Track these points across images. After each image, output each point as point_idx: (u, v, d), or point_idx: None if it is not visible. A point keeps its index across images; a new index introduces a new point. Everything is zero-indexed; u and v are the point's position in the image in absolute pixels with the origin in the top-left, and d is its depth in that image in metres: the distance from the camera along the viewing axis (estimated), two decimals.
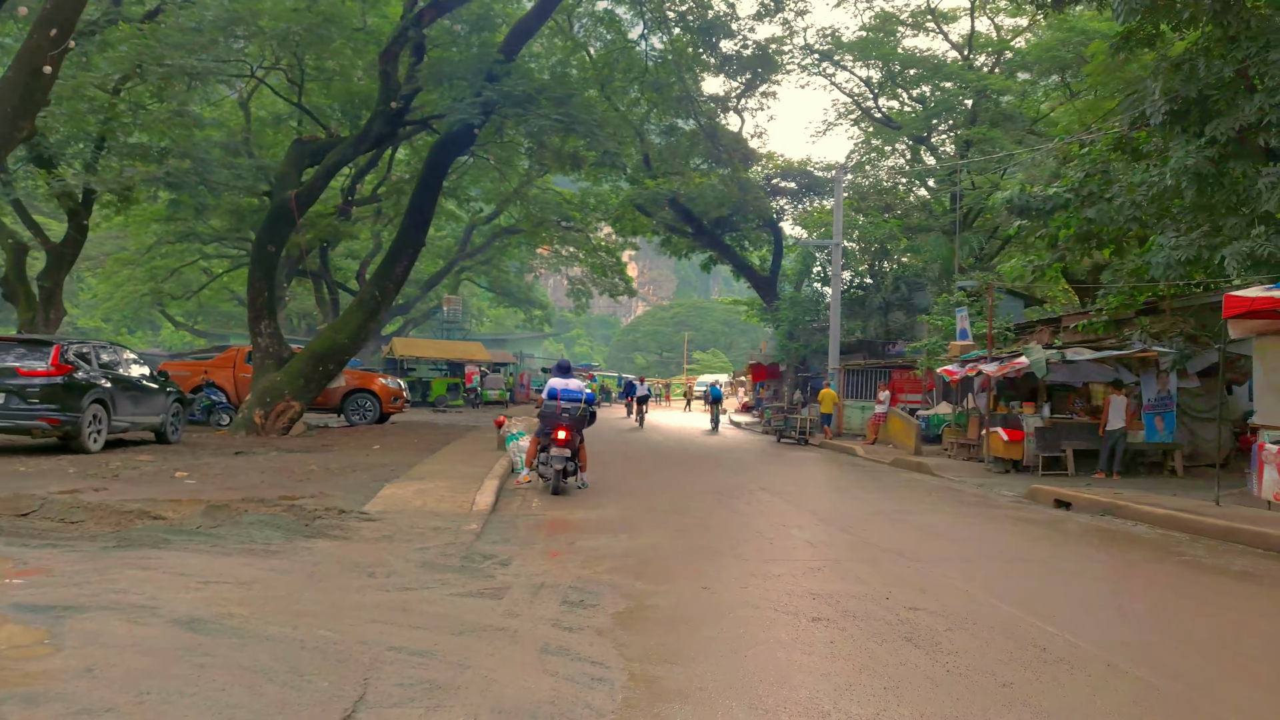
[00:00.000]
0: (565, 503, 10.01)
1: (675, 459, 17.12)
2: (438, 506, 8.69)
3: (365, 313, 18.60)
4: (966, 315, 17.57)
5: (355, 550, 6.63)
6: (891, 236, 26.66)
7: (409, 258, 19.17)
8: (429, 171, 19.52)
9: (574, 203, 47.71)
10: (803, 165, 33.66)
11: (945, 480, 14.12)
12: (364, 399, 20.12)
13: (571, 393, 11.26)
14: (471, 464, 12.14)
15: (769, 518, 9.35)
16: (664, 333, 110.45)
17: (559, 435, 10.82)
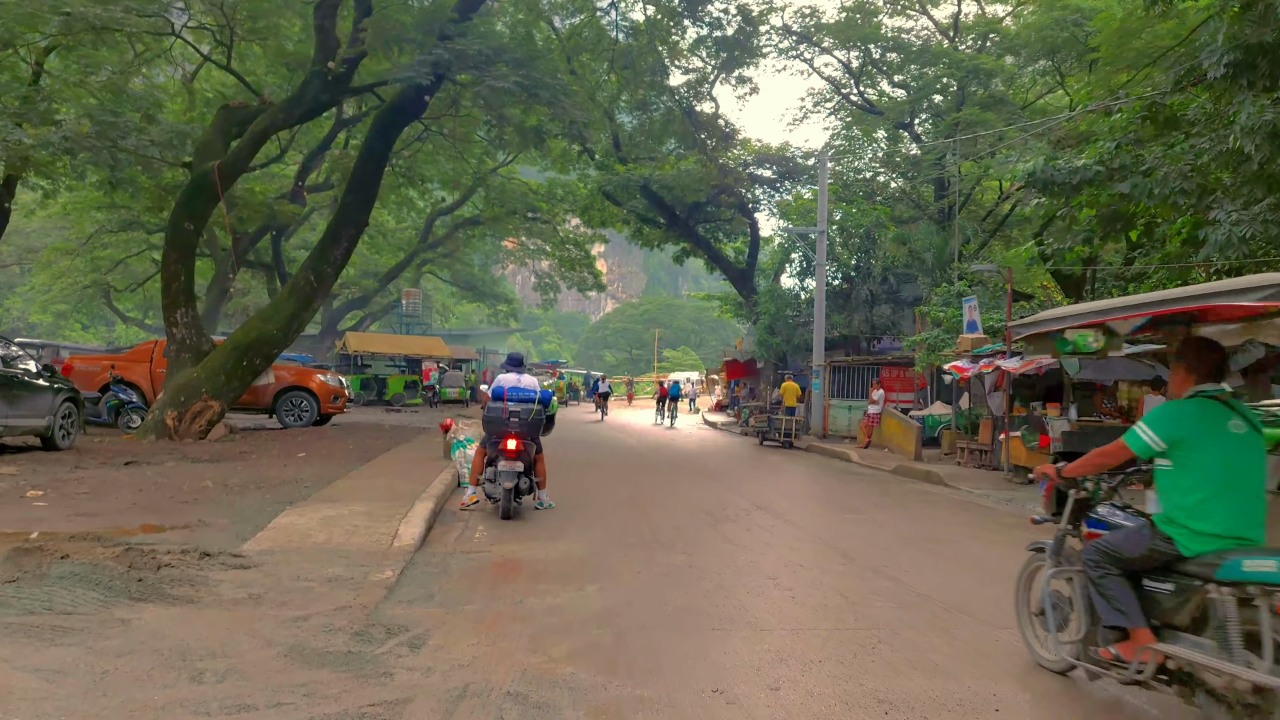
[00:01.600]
0: (518, 531, 7.94)
1: (651, 466, 15.11)
2: (346, 542, 6.58)
3: (298, 300, 16.34)
4: (976, 306, 15.76)
5: (196, 624, 4.53)
6: (879, 224, 24.85)
7: (350, 239, 16.94)
8: (374, 141, 17.29)
9: (540, 193, 45.65)
10: (781, 150, 31.78)
11: (965, 494, 12.24)
12: (300, 398, 17.84)
13: (523, 392, 9.15)
14: (408, 478, 10.02)
15: (777, 552, 7.35)
16: (634, 330, 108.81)
17: (508, 445, 8.67)
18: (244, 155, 16.24)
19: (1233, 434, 3.70)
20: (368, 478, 10.11)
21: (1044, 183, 13.11)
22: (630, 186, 30.59)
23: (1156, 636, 3.69)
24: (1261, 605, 3.25)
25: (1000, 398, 15.02)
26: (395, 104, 17.12)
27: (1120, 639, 3.78)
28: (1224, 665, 3.34)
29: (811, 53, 33.19)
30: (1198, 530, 3.62)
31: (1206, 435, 3.69)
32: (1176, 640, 3.63)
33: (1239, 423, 3.73)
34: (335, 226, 16.99)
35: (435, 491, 8.95)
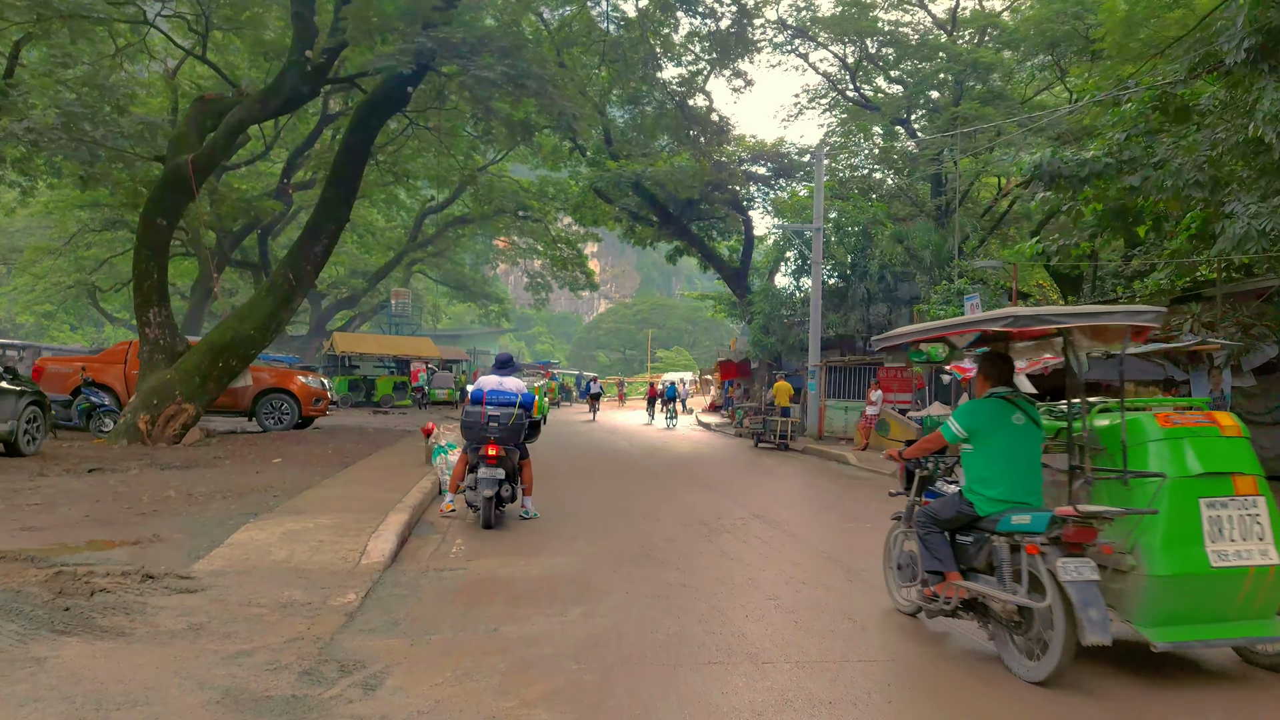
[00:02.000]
0: (498, 544, 7.39)
1: (644, 470, 14.57)
2: (308, 561, 6.03)
3: (277, 299, 15.75)
4: (978, 304, 15.26)
5: (122, 663, 3.97)
6: (876, 221, 24.35)
7: (330, 235, 16.35)
8: (354, 134, 16.71)
9: (531, 191, 45.13)
10: (776, 146, 31.26)
11: None
12: (280, 400, 17.25)
13: (503, 395, 8.62)
14: (385, 486, 9.46)
15: (777, 567, 6.82)
16: (627, 330, 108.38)
17: (489, 452, 8.21)
18: (219, 148, 15.65)
19: (1015, 425, 4.77)
20: (342, 485, 9.55)
21: (1051, 176, 12.62)
22: (622, 183, 30.04)
23: (964, 578, 4.82)
24: (1021, 548, 4.38)
25: None
26: (376, 95, 16.55)
27: (939, 580, 4.87)
28: (1000, 594, 4.46)
29: (807, 47, 32.72)
30: (988, 496, 4.71)
31: (996, 427, 4.77)
32: (975, 579, 4.77)
33: (1020, 416, 4.79)
34: (315, 222, 16.41)
35: (412, 501, 8.39)
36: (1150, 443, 4.47)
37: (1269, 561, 4.28)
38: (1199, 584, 4.24)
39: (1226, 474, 4.38)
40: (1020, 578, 4.38)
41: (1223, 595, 4.29)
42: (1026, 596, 4.31)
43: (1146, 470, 4.40)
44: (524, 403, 8.81)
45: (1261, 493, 4.40)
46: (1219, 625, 4.31)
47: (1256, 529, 4.33)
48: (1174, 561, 4.22)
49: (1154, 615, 4.28)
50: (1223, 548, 4.27)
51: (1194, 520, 4.28)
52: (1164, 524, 4.27)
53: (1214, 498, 4.33)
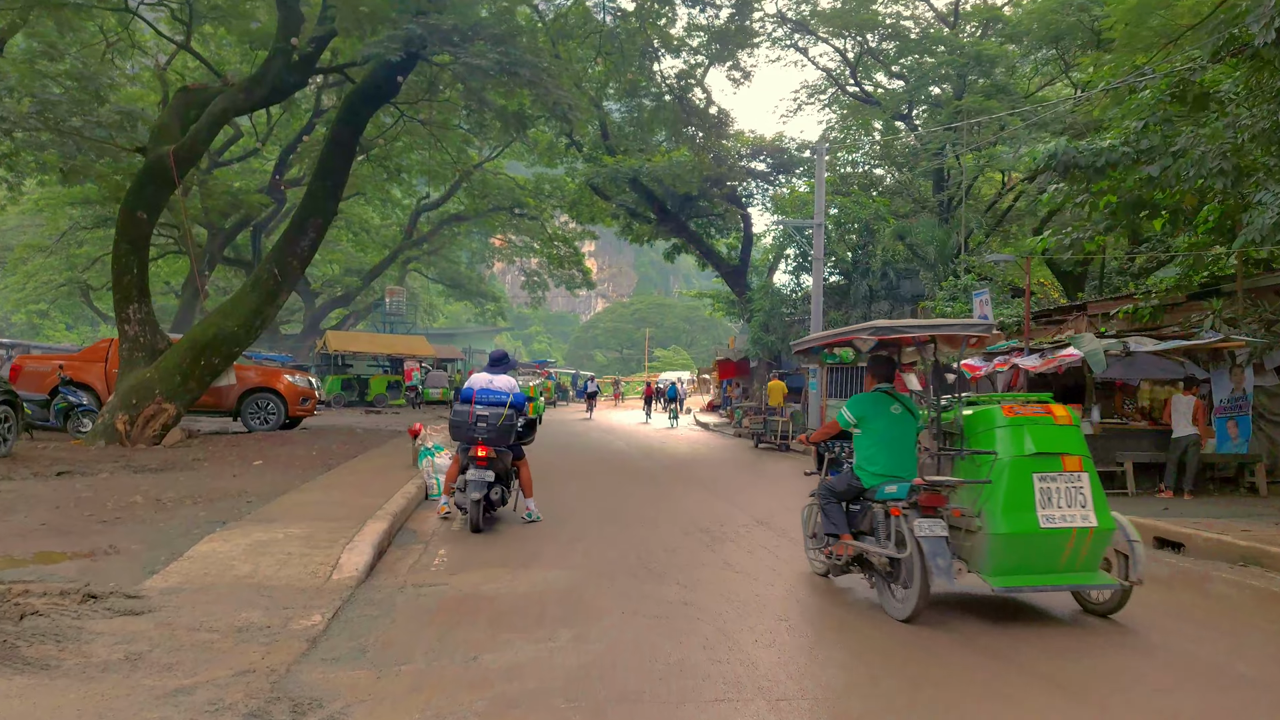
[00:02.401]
0: (484, 554, 6.87)
1: (641, 473, 14.05)
2: (274, 576, 5.50)
3: (261, 295, 15.20)
4: (988, 300, 14.74)
5: (40, 705, 3.44)
6: (878, 217, 23.84)
7: (317, 229, 15.79)
8: (342, 125, 16.16)
9: (528, 188, 44.63)
10: (776, 141, 30.74)
11: None
12: (266, 400, 16.70)
13: (492, 394, 8.28)
14: (367, 490, 8.93)
15: (786, 582, 6.30)
16: (624, 329, 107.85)
17: (478, 453, 7.95)
18: (201, 139, 15.09)
19: (893, 414, 5.82)
20: (322, 490, 9.01)
21: (1065, 166, 12.12)
22: (619, 179, 29.52)
23: (854, 539, 5.75)
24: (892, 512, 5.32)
25: None
26: (365, 85, 16.01)
27: (835, 542, 5.83)
28: (876, 549, 5.43)
29: (806, 41, 32.24)
30: (871, 471, 5.71)
31: (877, 415, 5.82)
32: (862, 540, 5.71)
33: (898, 407, 5.85)
34: (301, 216, 15.86)
35: (394, 507, 7.85)
36: (997, 429, 5.37)
37: (1089, 524, 5.19)
38: (1030, 541, 5.16)
39: (1056, 454, 5.28)
40: (890, 535, 5.41)
41: (1050, 550, 5.22)
42: (894, 550, 5.31)
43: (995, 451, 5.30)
44: (514, 403, 8.35)
45: (1086, 470, 5.31)
46: (1047, 575, 5.27)
47: (1080, 498, 5.25)
48: (1010, 523, 5.14)
49: (995, 566, 5.24)
50: (1050, 512, 5.19)
51: (1028, 490, 5.20)
52: (1003, 493, 5.19)
53: (1045, 473, 5.24)
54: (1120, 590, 5.39)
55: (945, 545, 5.09)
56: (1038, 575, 5.25)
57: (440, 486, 9.63)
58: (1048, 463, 5.24)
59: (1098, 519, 5.23)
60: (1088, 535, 5.18)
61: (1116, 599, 5.44)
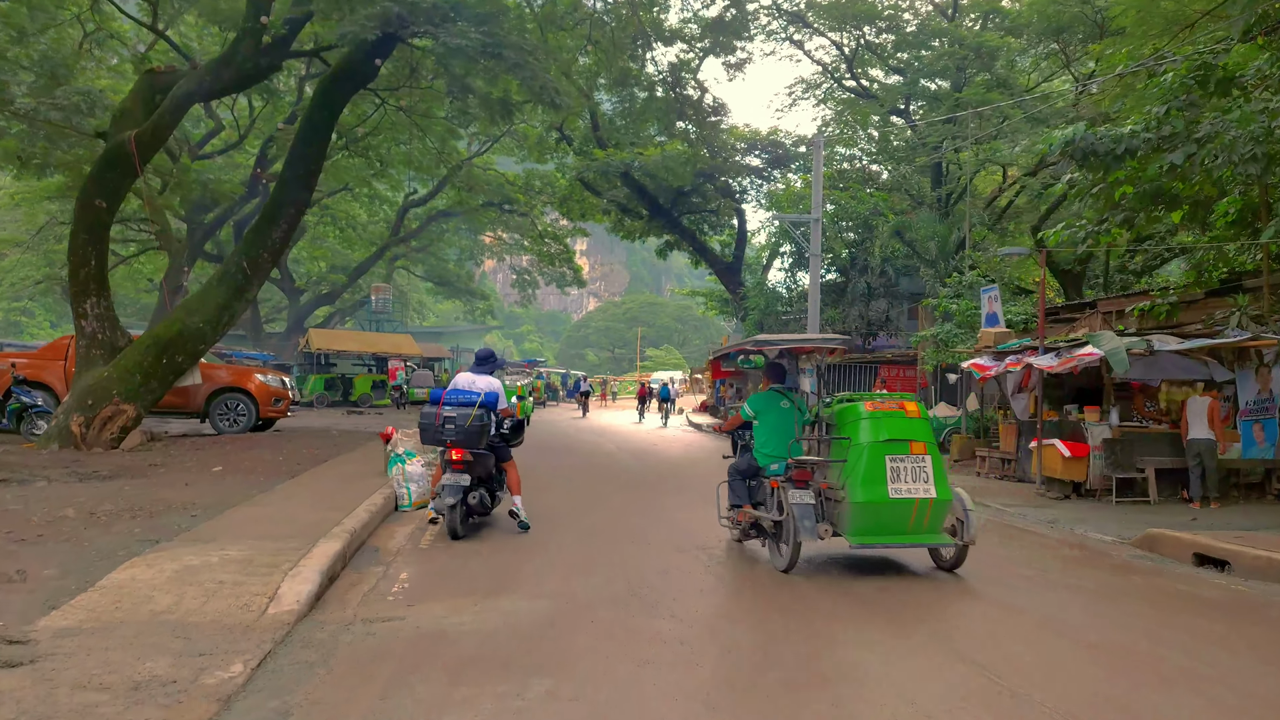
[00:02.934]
0: (452, 579, 6.06)
1: (633, 480, 13.24)
2: (198, 610, 4.67)
3: (229, 289, 14.34)
4: (997, 296, 14.02)
5: None
6: (876, 212, 23.10)
7: (290, 220, 14.94)
8: (317, 110, 15.30)
9: (517, 184, 43.84)
10: (771, 135, 29.96)
11: (998, 513, 10.45)
12: (236, 401, 15.83)
13: (461, 394, 7.81)
14: (328, 502, 8.09)
15: (800, 620, 5.50)
16: (616, 329, 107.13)
17: (452, 456, 7.54)
18: (164, 124, 14.21)
19: (782, 409, 7.24)
20: (279, 501, 8.18)
21: (1084, 152, 11.36)
22: (610, 173, 28.73)
23: (753, 509, 7.10)
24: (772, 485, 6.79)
25: (1026, 399, 13.28)
26: (341, 68, 15.16)
27: (738, 511, 7.31)
28: (765, 514, 6.85)
29: (803, 34, 31.49)
30: (764, 454, 7.12)
31: (769, 410, 7.25)
32: (758, 508, 7.08)
33: (786, 403, 7.28)
34: (273, 206, 15.00)
35: (355, 523, 7.02)
36: (860, 420, 6.55)
37: (929, 496, 6.38)
38: (882, 508, 6.36)
39: (905, 441, 6.44)
40: (773, 504, 6.75)
41: (898, 516, 6.40)
42: (776, 514, 6.63)
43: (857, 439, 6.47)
44: (485, 402, 7.70)
45: (929, 453, 6.48)
46: (896, 535, 6.48)
47: (923, 475, 6.42)
48: (866, 494, 6.34)
49: (854, 528, 6.46)
50: (899, 486, 6.36)
51: (881, 469, 6.37)
52: (862, 470, 6.38)
53: (895, 455, 6.40)
54: (959, 548, 6.72)
55: (811, 511, 6.45)
56: (888, 535, 6.53)
57: (411, 496, 8.83)
58: (898, 447, 6.46)
59: (937, 492, 6.45)
60: (929, 505, 6.43)
61: (957, 556, 6.78)
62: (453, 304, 63.69)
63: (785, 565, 6.52)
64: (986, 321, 14.29)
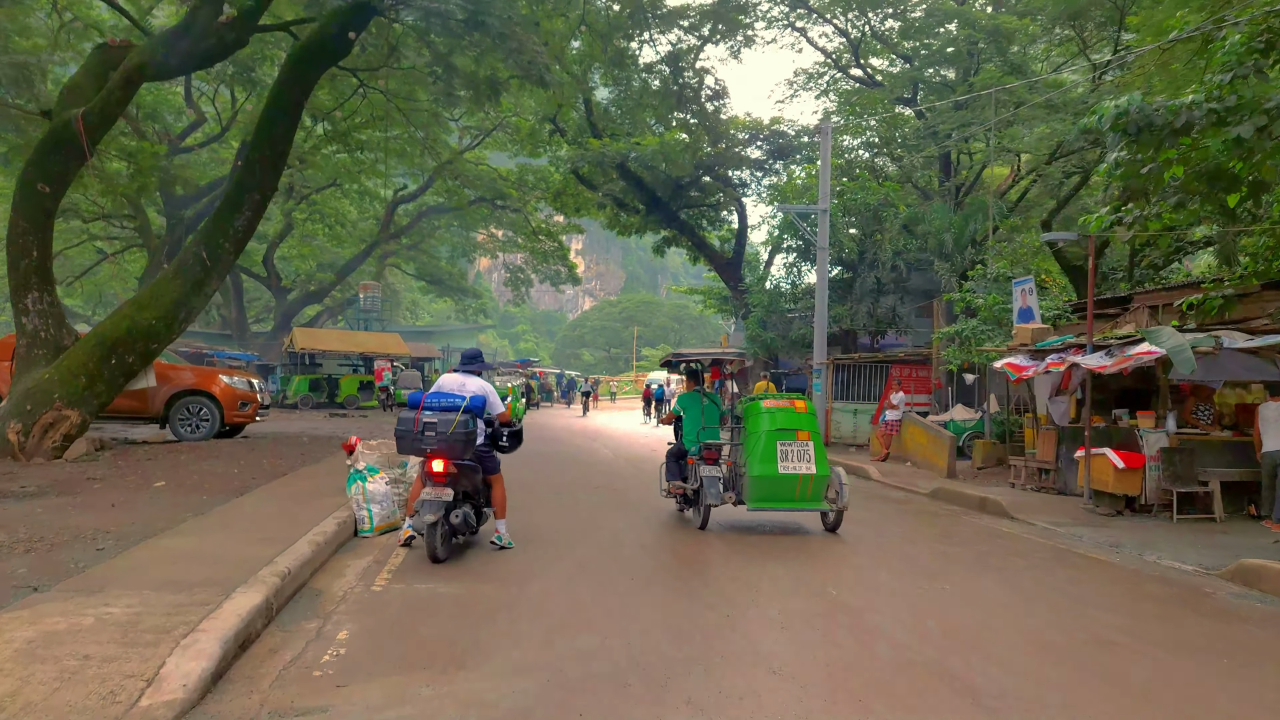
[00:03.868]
0: (406, 635, 4.76)
1: (631, 497, 11.93)
2: (40, 705, 3.37)
3: (186, 283, 13.02)
4: (1032, 289, 12.76)
5: None
6: (886, 203, 21.82)
7: (255, 207, 13.61)
8: (285, 87, 13.96)
9: (510, 179, 42.63)
10: (774, 124, 28.65)
11: (1047, 532, 9.19)
12: (198, 405, 14.51)
13: (445, 397, 6.75)
14: (268, 529, 6.78)
15: (850, 690, 4.21)
16: (612, 328, 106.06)
17: (432, 468, 6.58)
18: (114, 101, 12.85)
19: (702, 405, 9.15)
20: (209, 530, 6.86)
21: (1138, 125, 10.08)
22: (605, 163, 27.41)
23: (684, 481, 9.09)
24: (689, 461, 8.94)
25: (1066, 403, 12.01)
26: (312, 40, 13.82)
27: (672, 484, 9.29)
28: (686, 486, 8.96)
29: (806, 22, 30.19)
30: (689, 439, 8.99)
31: (692, 406, 9.20)
32: (686, 481, 9.03)
33: (705, 400, 9.23)
34: (235, 191, 13.67)
35: (291, 562, 5.71)
36: (760, 413, 8.60)
37: (811, 472, 8.41)
38: (773, 481, 8.40)
39: (793, 430, 8.52)
40: (693, 477, 8.82)
41: (787, 487, 8.43)
42: (694, 484, 8.78)
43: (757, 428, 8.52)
44: (471, 406, 6.50)
45: (813, 439, 8.56)
46: (785, 502, 8.53)
47: (806, 456, 8.47)
48: (761, 470, 8.37)
49: (752, 496, 8.52)
50: (787, 465, 8.39)
51: (773, 451, 8.41)
52: (759, 452, 8.41)
53: (785, 441, 8.45)
54: (836, 513, 8.60)
55: (717, 481, 8.34)
56: (778, 502, 8.45)
57: (373, 519, 7.55)
58: (787, 435, 8.39)
59: (818, 469, 8.40)
60: (810, 479, 8.35)
61: (835, 519, 8.67)
62: (447, 303, 62.28)
63: (699, 524, 8.61)
64: (1019, 317, 13.02)
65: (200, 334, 48.84)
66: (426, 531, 6.35)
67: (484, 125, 38.91)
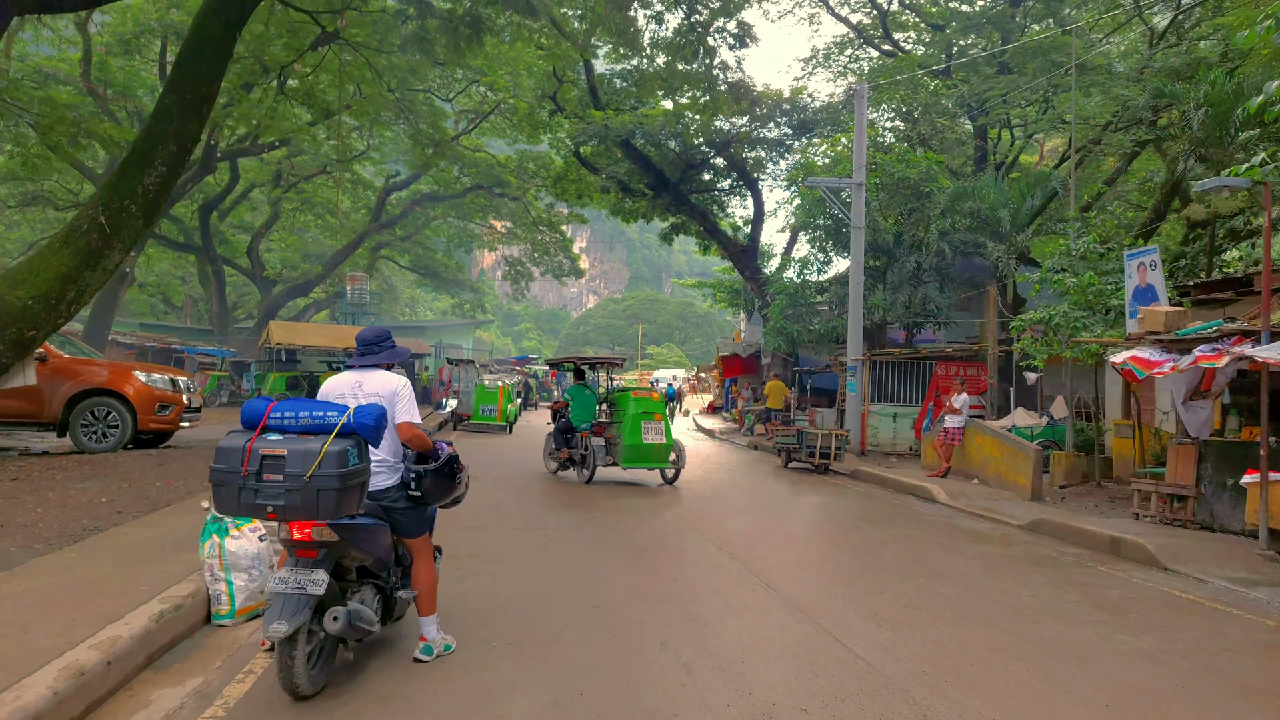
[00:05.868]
0: None
1: (627, 526, 9.19)
2: None
3: (76, 254, 10.30)
4: (1156, 261, 10.01)
5: None
6: (929, 177, 19.01)
7: (169, 161, 10.88)
8: (211, 16, 11.19)
9: (509, 166, 40.08)
10: (797, 94, 25.85)
11: (1236, 599, 6.41)
12: (106, 408, 11.77)
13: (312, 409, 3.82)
14: (62, 609, 4.06)
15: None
16: (616, 326, 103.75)
17: (292, 535, 3.75)
18: None
19: (586, 394, 12.84)
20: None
21: None
22: (610, 139, 24.64)
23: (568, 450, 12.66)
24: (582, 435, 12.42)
25: (1208, 410, 9.21)
26: None
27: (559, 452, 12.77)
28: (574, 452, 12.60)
29: None
30: (576, 419, 12.51)
31: (579, 395, 12.77)
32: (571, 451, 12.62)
33: (587, 391, 12.96)
34: (147, 141, 10.92)
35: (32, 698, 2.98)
36: (630, 401, 12.07)
37: (663, 441, 11.88)
38: (639, 448, 11.77)
39: (652, 413, 11.97)
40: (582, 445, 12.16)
41: (647, 452, 11.85)
42: (582, 451, 12.12)
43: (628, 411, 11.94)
44: (358, 425, 3.70)
45: (663, 419, 12.16)
46: (646, 462, 12.02)
47: (660, 431, 11.92)
48: (630, 440, 11.72)
49: (624, 459, 11.85)
50: (649, 437, 11.75)
51: (639, 427, 11.75)
52: (628, 428, 11.74)
53: (647, 420, 11.82)
54: (675, 470, 12.33)
55: (602, 449, 12.13)
56: (642, 463, 12.04)
57: (234, 598, 4.81)
58: (649, 416, 11.94)
59: (667, 440, 12.02)
60: (663, 446, 11.96)
61: (674, 475, 12.39)
62: (448, 300, 59.62)
63: (586, 479, 12.01)
64: (1136, 298, 10.22)
65: (179, 329, 46.20)
66: (278, 649, 3.62)
67: (481, 108, 36.35)
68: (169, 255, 44.25)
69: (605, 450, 12.10)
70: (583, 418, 12.35)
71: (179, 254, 42.67)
